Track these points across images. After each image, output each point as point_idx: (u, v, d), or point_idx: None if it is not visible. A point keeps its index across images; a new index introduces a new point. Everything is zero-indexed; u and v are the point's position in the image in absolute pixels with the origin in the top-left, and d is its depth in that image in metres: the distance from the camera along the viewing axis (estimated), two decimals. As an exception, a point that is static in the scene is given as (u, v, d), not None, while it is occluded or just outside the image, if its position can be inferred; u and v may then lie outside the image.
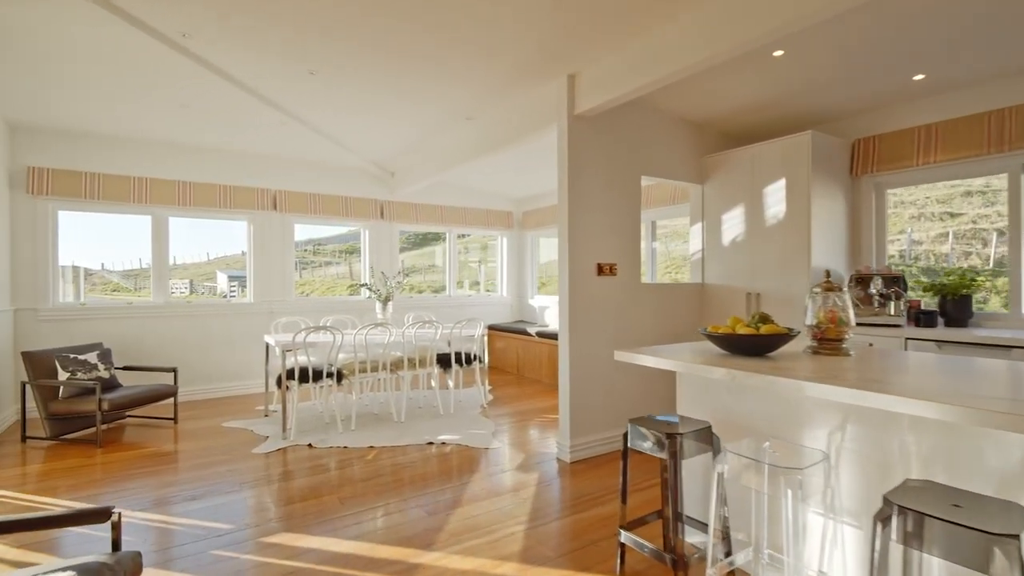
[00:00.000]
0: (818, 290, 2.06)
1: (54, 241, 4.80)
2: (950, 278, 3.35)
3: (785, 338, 1.96)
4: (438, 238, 7.57)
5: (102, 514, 1.61)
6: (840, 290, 2.03)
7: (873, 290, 3.40)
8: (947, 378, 1.60)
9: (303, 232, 6.30)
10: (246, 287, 5.81)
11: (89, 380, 4.01)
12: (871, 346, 3.01)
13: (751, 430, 2.10)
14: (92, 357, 4.23)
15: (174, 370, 4.50)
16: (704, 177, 4.32)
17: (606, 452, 3.65)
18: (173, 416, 4.46)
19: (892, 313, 3.34)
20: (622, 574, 2.15)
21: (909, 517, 1.28)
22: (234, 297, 6.16)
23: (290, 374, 4.04)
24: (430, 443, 3.85)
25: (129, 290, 5.72)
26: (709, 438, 2.00)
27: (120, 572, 1.45)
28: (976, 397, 1.34)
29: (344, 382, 4.31)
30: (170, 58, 3.24)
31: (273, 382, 4.99)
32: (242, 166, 5.59)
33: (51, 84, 3.67)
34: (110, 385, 4.24)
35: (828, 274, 2.11)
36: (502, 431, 4.18)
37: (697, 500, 2.38)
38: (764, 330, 1.98)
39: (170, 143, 5.17)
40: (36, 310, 4.65)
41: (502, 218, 7.50)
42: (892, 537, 1.32)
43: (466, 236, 7.73)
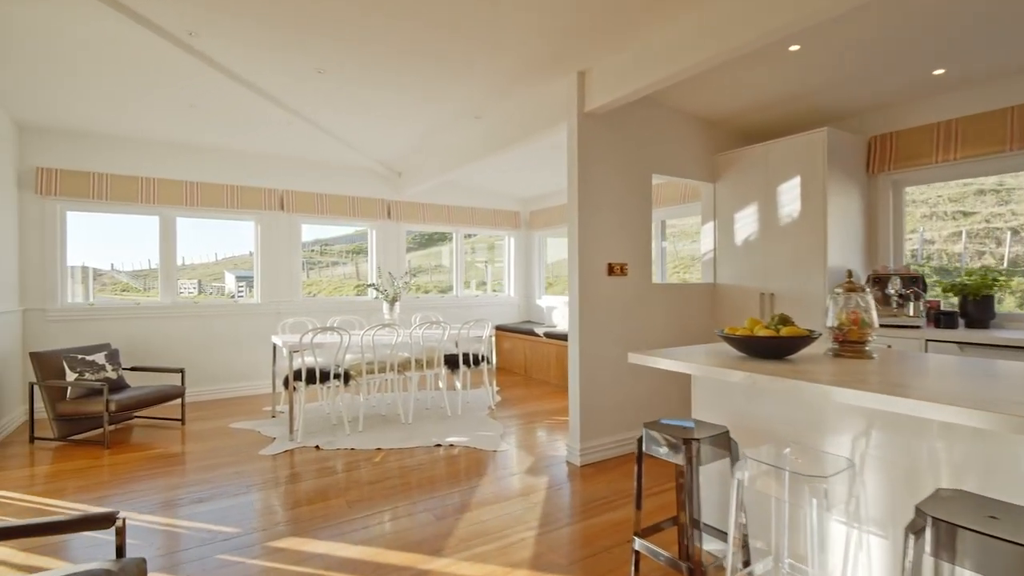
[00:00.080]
0: (840, 290, 1.99)
1: (62, 241, 4.80)
2: (971, 278, 3.26)
3: (806, 340, 1.90)
4: (444, 238, 7.53)
5: (106, 520, 1.58)
6: (863, 290, 1.96)
7: (891, 290, 3.32)
8: (978, 382, 1.53)
9: (310, 232, 6.28)
10: (253, 287, 5.80)
11: (96, 381, 3.99)
12: (889, 348, 2.92)
13: (769, 435, 2.04)
14: (100, 358, 4.22)
15: (181, 371, 4.49)
16: (716, 175, 4.25)
17: (617, 455, 3.59)
18: (180, 417, 4.45)
19: (911, 314, 3.26)
20: (636, 582, 2.09)
21: (944, 529, 1.22)
22: (241, 297, 6.15)
23: (297, 375, 4.01)
24: (438, 445, 3.81)
25: (138, 290, 5.73)
26: (727, 443, 1.94)
27: (123, 580, 1.41)
28: (1015, 403, 1.28)
29: (351, 383, 4.28)
30: (177, 57, 3.22)
31: (280, 383, 4.96)
32: (249, 166, 5.58)
33: (59, 84, 3.66)
34: (117, 386, 4.23)
35: (850, 274, 2.04)
36: (510, 433, 4.13)
37: (713, 506, 2.31)
38: (784, 332, 1.91)
39: (177, 143, 5.16)
40: (44, 310, 4.65)
41: (509, 218, 7.45)
42: (925, 550, 1.26)
43: (473, 236, 7.69)
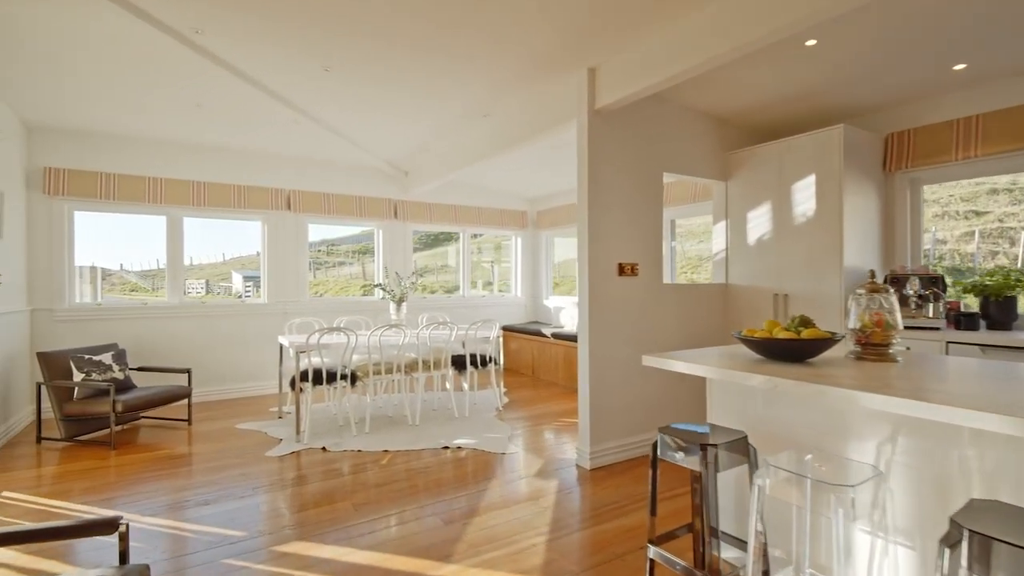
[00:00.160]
0: (862, 291, 1.93)
1: (70, 241, 4.80)
2: (993, 278, 3.17)
3: (828, 343, 1.83)
4: (450, 238, 7.49)
5: (109, 525, 1.54)
6: (886, 291, 1.89)
7: (910, 291, 3.24)
8: (1010, 386, 1.46)
9: (317, 232, 6.26)
10: (260, 287, 5.78)
11: (103, 381, 3.98)
12: (908, 350, 2.85)
13: (788, 440, 1.97)
14: (107, 358, 4.21)
15: (188, 371, 4.47)
16: (728, 174, 4.17)
17: (627, 459, 3.53)
18: (187, 417, 4.43)
19: (931, 315, 3.17)
20: (651, 591, 2.03)
21: (982, 543, 1.16)
22: (248, 297, 6.13)
23: (304, 376, 3.98)
24: (445, 447, 3.76)
25: (147, 290, 5.72)
26: (745, 449, 1.87)
27: (126, 589, 1.38)
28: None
29: (358, 384, 4.24)
30: (183, 55, 3.20)
31: (287, 384, 4.93)
32: (256, 166, 5.56)
33: (66, 83, 3.64)
34: (124, 386, 4.21)
35: (873, 274, 1.97)
36: (518, 435, 4.08)
37: (729, 514, 2.25)
38: (805, 334, 1.85)
39: (184, 143, 5.15)
40: (52, 310, 4.65)
41: (516, 217, 7.40)
42: (961, 564, 1.20)
43: (479, 236, 7.64)
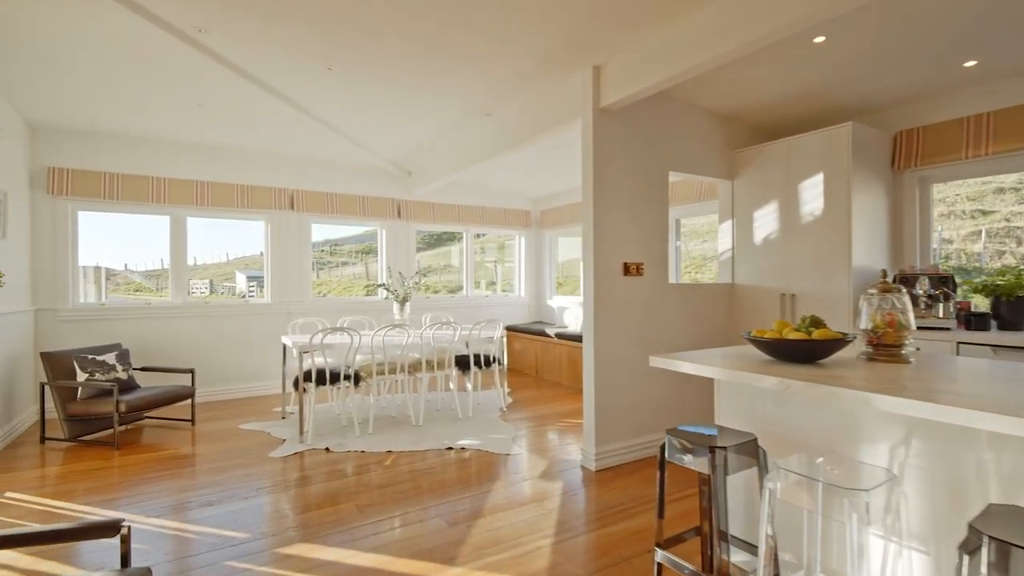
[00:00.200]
0: (874, 291, 1.89)
1: (74, 241, 4.80)
2: (1004, 278, 3.13)
3: (840, 344, 1.80)
4: (453, 238, 7.47)
5: (110, 528, 1.52)
6: (899, 291, 1.86)
7: (919, 291, 3.20)
8: (1032, 390, 1.43)
9: (320, 232, 6.25)
10: (264, 287, 5.77)
11: (107, 381, 3.97)
12: (918, 351, 2.81)
13: (799, 443, 1.94)
14: (110, 358, 4.20)
15: (191, 371, 4.46)
16: (734, 172, 4.14)
17: (633, 460, 3.50)
18: (191, 418, 4.42)
19: (941, 316, 3.13)
20: (658, 595, 2.00)
21: (1001, 549, 1.13)
22: (252, 297, 6.13)
23: (307, 376, 3.97)
24: (449, 448, 3.74)
25: (152, 290, 5.73)
26: (755, 451, 1.84)
27: (127, 593, 1.36)
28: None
29: (361, 384, 4.22)
30: (186, 54, 3.18)
31: (290, 384, 4.92)
32: (259, 165, 5.55)
33: (69, 83, 3.64)
34: (128, 386, 4.21)
35: (884, 274, 1.93)
36: (522, 436, 4.05)
37: (738, 517, 2.22)
38: (817, 335, 1.82)
39: (187, 142, 5.15)
40: (56, 310, 4.65)
41: (520, 217, 7.37)
42: (981, 570, 1.17)
43: (483, 236, 7.62)
